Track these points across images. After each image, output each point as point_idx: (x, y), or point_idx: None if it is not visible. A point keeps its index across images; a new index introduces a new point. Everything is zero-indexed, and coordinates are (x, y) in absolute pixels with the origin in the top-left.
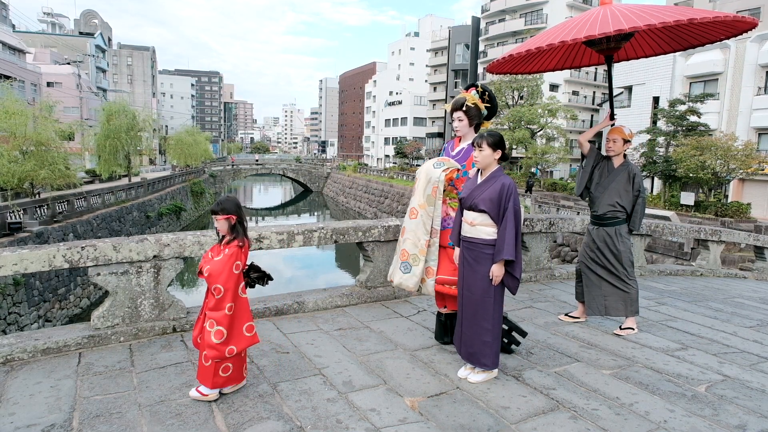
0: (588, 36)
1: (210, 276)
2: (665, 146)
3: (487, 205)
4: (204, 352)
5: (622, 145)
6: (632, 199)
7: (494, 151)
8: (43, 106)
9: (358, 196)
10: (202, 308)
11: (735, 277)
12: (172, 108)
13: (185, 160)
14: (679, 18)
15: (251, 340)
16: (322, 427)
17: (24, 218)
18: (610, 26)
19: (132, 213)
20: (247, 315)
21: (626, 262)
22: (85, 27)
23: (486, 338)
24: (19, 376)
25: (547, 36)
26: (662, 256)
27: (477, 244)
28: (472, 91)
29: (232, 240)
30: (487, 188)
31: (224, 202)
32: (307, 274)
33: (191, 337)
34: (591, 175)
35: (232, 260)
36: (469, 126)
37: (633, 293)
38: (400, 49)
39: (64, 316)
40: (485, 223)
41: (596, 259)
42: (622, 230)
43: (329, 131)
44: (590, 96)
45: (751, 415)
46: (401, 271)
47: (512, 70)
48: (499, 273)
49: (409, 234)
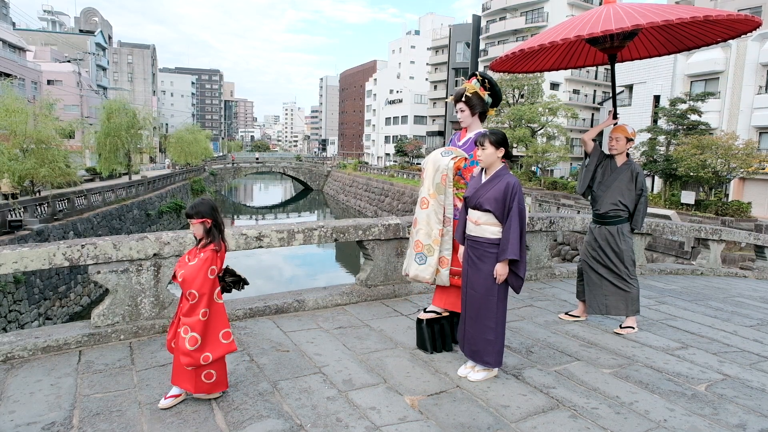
0: (593, 33)
1: (184, 281)
2: (666, 145)
3: (492, 204)
4: (179, 357)
5: (625, 143)
6: (635, 198)
7: (497, 150)
8: (44, 104)
9: (359, 194)
10: (177, 312)
11: (735, 276)
12: (172, 106)
13: (185, 158)
14: (695, 15)
15: (228, 348)
16: (322, 426)
17: (24, 216)
18: (613, 24)
19: (132, 211)
20: (224, 321)
21: (628, 261)
22: (85, 25)
23: (489, 336)
24: (19, 374)
25: (552, 33)
26: (662, 255)
27: (481, 243)
28: (472, 81)
29: (208, 244)
30: (491, 187)
31: (199, 205)
32: (308, 273)
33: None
34: (594, 174)
35: (207, 264)
36: (472, 115)
37: (634, 292)
38: (400, 47)
39: (64, 314)
40: (490, 222)
41: (598, 257)
42: (624, 229)
43: (330, 129)
44: (591, 95)
45: (751, 414)
46: (416, 263)
47: (514, 68)
48: (503, 272)
49: (422, 224)
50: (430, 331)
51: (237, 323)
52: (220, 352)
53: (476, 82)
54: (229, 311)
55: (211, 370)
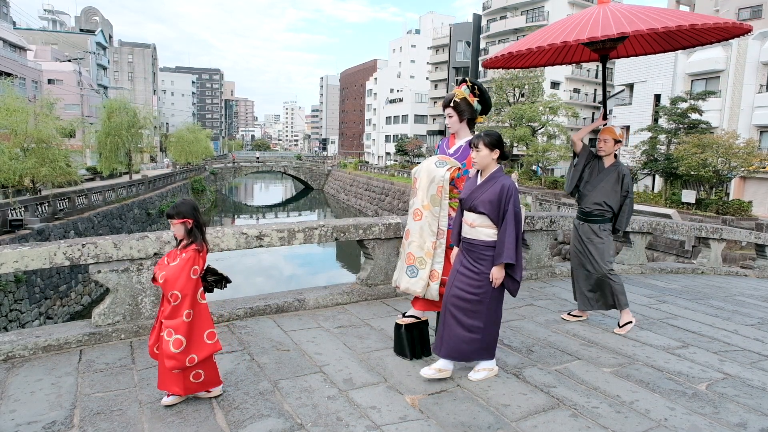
0: (579, 40)
1: (166, 282)
2: (667, 144)
3: (487, 207)
4: (164, 361)
5: (613, 145)
6: (620, 200)
7: (492, 151)
8: (44, 103)
9: (359, 193)
10: (158, 316)
11: (736, 275)
12: (172, 105)
13: (186, 158)
14: (681, 23)
15: (213, 348)
16: (323, 425)
17: (25, 215)
18: (600, 31)
19: (133, 210)
20: (208, 322)
21: (607, 257)
22: (85, 24)
23: (475, 335)
24: (20, 373)
25: (547, 34)
26: (663, 254)
27: (477, 246)
28: (462, 87)
29: (189, 244)
30: (486, 189)
31: (180, 205)
32: (308, 272)
33: None
34: (581, 174)
35: (189, 265)
36: (460, 122)
37: (617, 287)
38: (401, 46)
39: (65, 313)
40: (485, 224)
41: (582, 252)
42: (605, 227)
43: (330, 128)
44: (591, 93)
45: (751, 413)
46: (407, 276)
47: (506, 64)
48: (500, 276)
49: (415, 236)
50: (410, 336)
51: (237, 322)
52: (206, 353)
53: (466, 88)
54: (230, 310)
55: (198, 370)
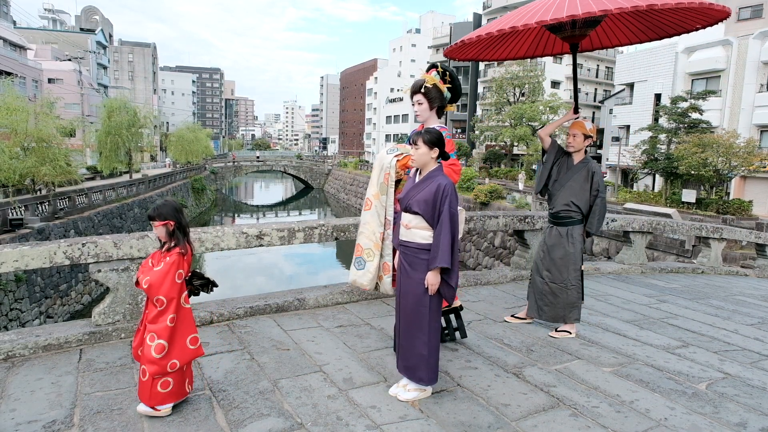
0: (542, 21)
1: (150, 287)
2: (667, 143)
3: (422, 206)
4: (143, 366)
5: (583, 140)
6: (589, 199)
7: (431, 149)
8: (44, 102)
9: (359, 193)
10: (142, 319)
11: (736, 274)
12: (173, 104)
13: (186, 157)
14: (637, 3)
15: (195, 353)
16: (323, 424)
17: (25, 215)
18: (565, 11)
19: (133, 209)
20: (191, 326)
21: (572, 266)
22: (86, 23)
23: (422, 351)
24: (20, 372)
25: (511, 18)
26: (663, 253)
27: (412, 249)
28: (432, 72)
29: (173, 247)
30: (423, 189)
31: (161, 207)
32: (308, 271)
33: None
34: (550, 172)
35: (174, 269)
36: (430, 109)
37: (572, 299)
38: (401, 45)
39: (65, 313)
40: (420, 226)
41: (543, 258)
42: (574, 231)
43: (330, 128)
44: (591, 93)
45: (751, 412)
46: (355, 268)
47: (477, 56)
48: (435, 281)
49: (364, 227)
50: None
51: (238, 322)
52: (187, 358)
53: (436, 74)
54: (230, 310)
55: (168, 378)
